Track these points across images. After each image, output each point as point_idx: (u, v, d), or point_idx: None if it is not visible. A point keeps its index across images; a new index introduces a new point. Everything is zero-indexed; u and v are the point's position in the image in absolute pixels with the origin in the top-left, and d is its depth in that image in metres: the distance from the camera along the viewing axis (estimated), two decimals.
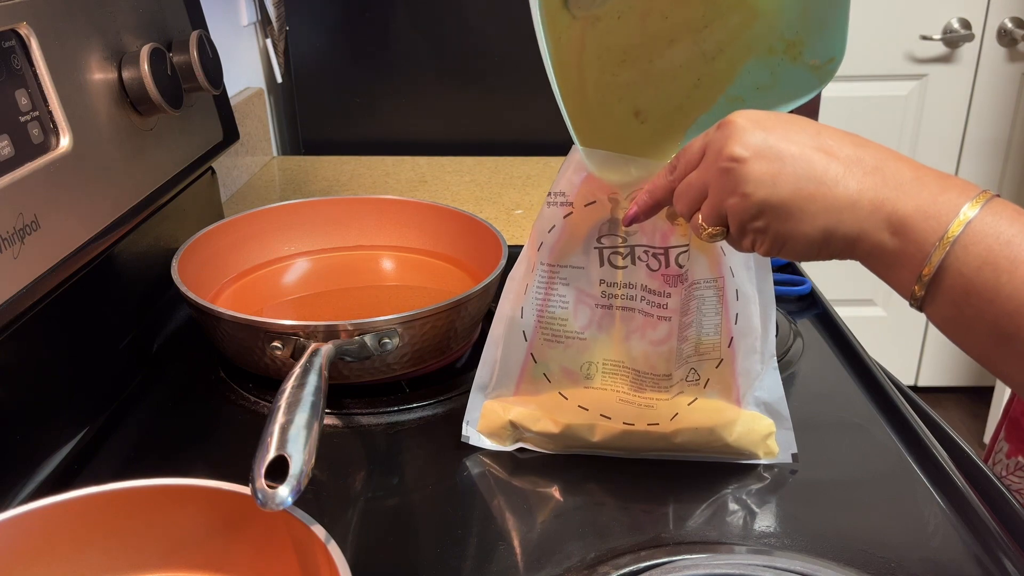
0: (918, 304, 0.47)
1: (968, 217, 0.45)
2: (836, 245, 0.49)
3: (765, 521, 0.61)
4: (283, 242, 0.94)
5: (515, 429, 0.67)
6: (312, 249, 0.95)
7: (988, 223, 0.45)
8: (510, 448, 0.68)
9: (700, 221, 0.53)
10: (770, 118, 0.50)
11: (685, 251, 0.61)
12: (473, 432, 0.69)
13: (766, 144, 0.49)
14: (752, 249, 0.52)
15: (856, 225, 0.47)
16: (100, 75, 0.72)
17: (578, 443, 0.67)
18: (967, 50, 2.04)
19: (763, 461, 0.66)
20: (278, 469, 0.48)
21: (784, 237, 0.50)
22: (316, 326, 0.68)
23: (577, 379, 0.67)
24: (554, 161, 1.39)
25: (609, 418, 0.65)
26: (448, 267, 0.92)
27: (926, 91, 2.08)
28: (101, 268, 0.73)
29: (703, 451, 0.66)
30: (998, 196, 0.46)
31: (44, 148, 0.64)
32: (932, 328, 2.42)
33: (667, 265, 0.61)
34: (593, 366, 0.66)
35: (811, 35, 0.59)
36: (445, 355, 0.78)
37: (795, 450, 0.66)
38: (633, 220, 0.59)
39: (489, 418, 0.68)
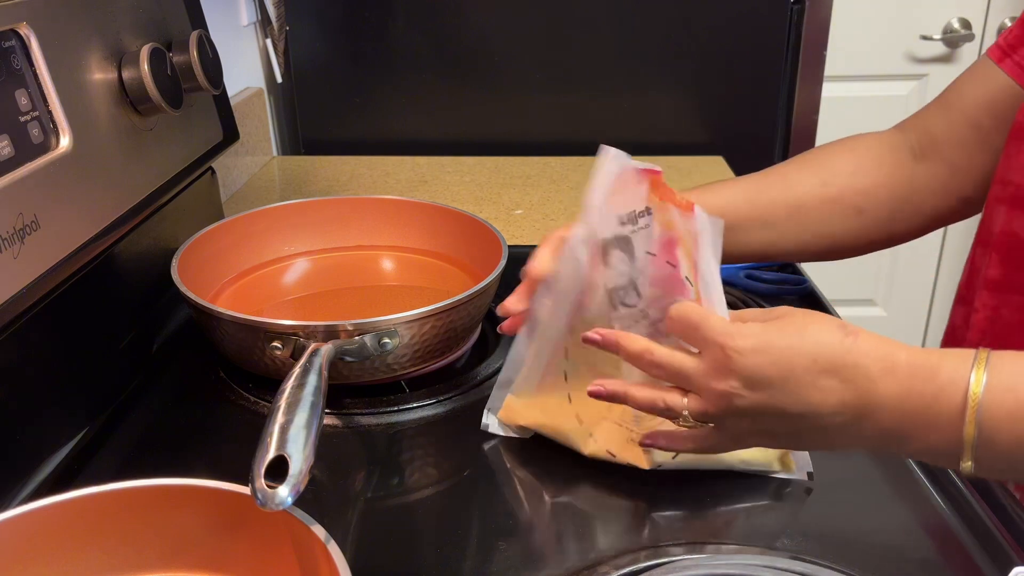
0: None
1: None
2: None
3: (765, 521, 0.61)
4: (283, 242, 0.94)
5: (526, 430, 0.68)
6: (312, 249, 0.95)
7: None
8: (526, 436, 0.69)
9: (683, 412, 0.56)
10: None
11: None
12: (493, 420, 0.69)
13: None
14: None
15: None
16: (100, 75, 0.72)
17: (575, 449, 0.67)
18: (967, 50, 2.04)
19: (779, 474, 0.64)
20: (278, 469, 0.48)
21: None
22: (316, 326, 0.68)
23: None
24: (554, 161, 1.39)
25: (595, 440, 0.65)
26: (448, 267, 0.92)
27: (926, 91, 2.08)
28: (101, 268, 0.73)
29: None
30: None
31: (44, 148, 0.64)
32: (932, 328, 2.42)
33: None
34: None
35: None
36: (445, 355, 0.78)
37: (811, 469, 0.64)
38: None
39: (507, 413, 0.68)
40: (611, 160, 0.59)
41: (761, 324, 0.54)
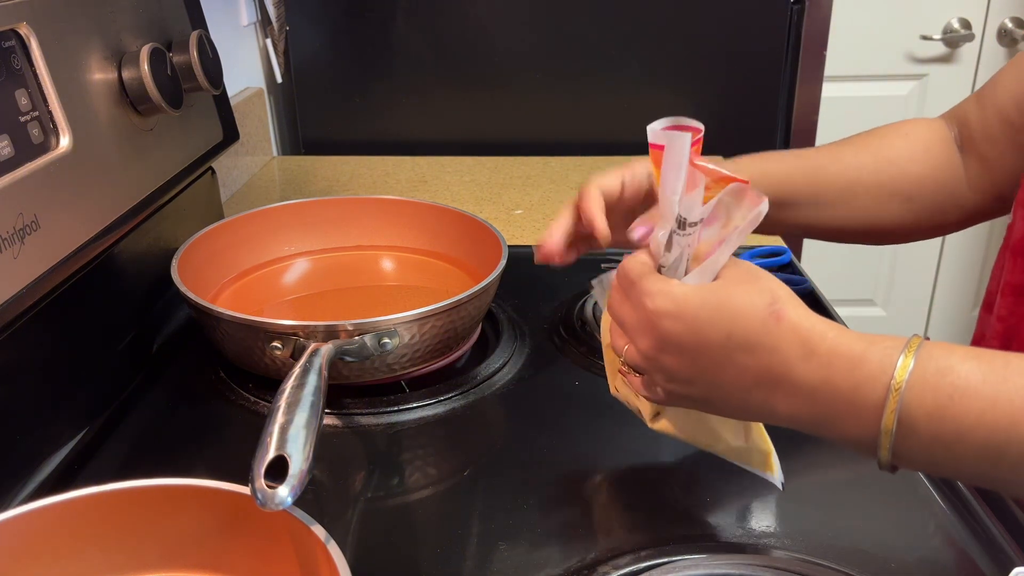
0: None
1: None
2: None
3: (765, 521, 0.61)
4: (283, 242, 0.94)
5: None
6: (312, 249, 0.95)
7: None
8: None
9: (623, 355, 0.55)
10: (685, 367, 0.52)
11: None
12: (601, 284, 0.64)
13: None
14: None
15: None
16: (100, 75, 0.72)
17: None
18: (967, 50, 2.04)
19: (757, 472, 0.61)
20: (278, 469, 0.48)
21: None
22: (316, 326, 0.68)
23: None
24: (554, 161, 1.39)
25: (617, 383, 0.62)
26: (448, 267, 0.92)
27: (926, 91, 2.08)
28: (101, 268, 0.73)
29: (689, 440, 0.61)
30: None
31: (44, 148, 0.64)
32: (932, 329, 2.43)
33: None
34: None
35: None
36: (445, 355, 0.78)
37: (784, 480, 0.61)
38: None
39: None
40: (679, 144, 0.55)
41: (691, 285, 0.51)
